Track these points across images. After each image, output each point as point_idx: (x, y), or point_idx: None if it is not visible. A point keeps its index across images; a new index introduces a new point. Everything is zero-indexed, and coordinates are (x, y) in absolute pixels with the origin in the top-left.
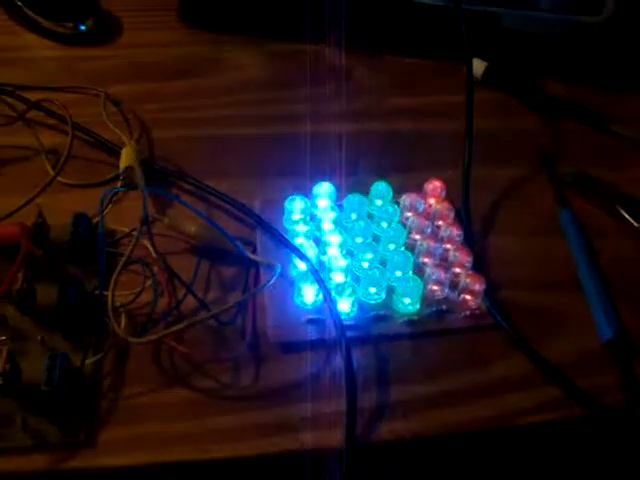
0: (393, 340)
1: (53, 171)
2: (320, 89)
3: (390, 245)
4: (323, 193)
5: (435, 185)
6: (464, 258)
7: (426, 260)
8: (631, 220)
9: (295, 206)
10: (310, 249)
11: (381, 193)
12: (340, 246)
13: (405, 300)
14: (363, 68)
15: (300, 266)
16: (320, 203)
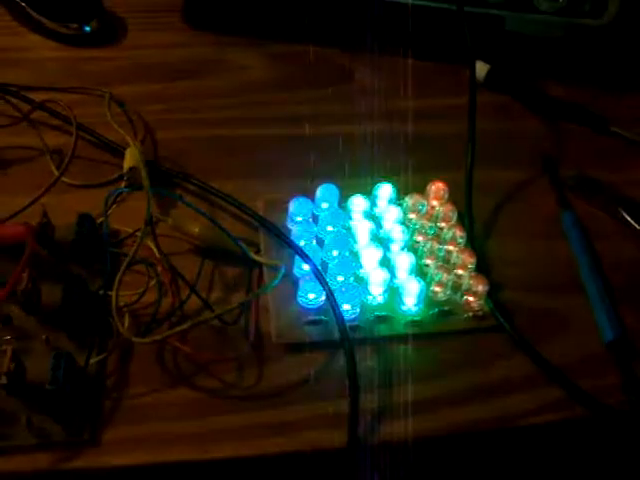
0: (396, 341)
1: (57, 171)
2: (323, 90)
3: (393, 246)
4: (327, 195)
5: (438, 187)
6: (467, 260)
7: (429, 261)
8: (633, 222)
9: (299, 207)
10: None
11: (384, 195)
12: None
13: (408, 301)
14: (366, 70)
15: (304, 267)
16: (323, 205)
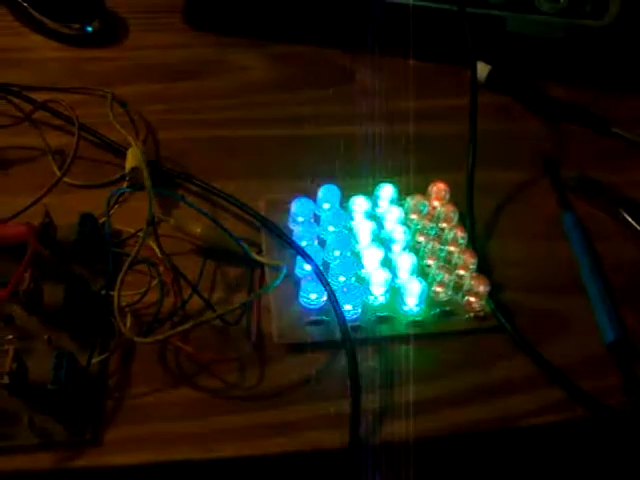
0: (397, 341)
1: (59, 172)
2: (324, 91)
3: (395, 247)
4: (328, 195)
5: (439, 187)
6: (468, 260)
7: (430, 262)
8: (634, 223)
9: (300, 208)
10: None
11: (385, 195)
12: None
13: (409, 301)
14: (367, 70)
15: (305, 267)
16: (325, 205)
